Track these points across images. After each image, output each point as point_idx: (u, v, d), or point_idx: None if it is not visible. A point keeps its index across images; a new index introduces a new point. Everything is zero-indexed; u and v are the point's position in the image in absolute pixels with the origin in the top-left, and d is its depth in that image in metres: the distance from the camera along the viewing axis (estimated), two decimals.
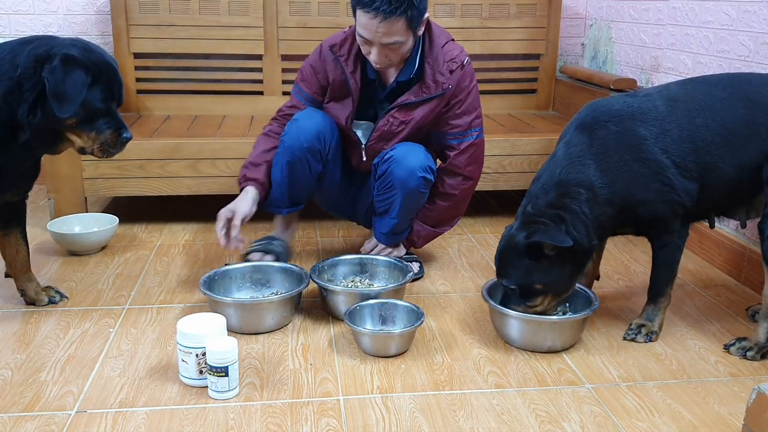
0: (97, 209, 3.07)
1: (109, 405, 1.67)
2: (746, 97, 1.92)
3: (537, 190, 1.94)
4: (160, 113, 3.42)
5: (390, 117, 2.27)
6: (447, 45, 2.27)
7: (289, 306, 2.07)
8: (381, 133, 2.30)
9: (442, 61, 2.22)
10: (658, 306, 2.03)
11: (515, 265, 1.91)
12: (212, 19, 3.31)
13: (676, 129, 1.91)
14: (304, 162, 2.29)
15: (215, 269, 2.20)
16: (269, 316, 2.02)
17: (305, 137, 2.26)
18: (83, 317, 2.12)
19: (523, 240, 1.87)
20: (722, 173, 1.91)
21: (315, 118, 2.30)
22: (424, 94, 2.23)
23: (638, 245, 2.76)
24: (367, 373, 1.83)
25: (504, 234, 1.98)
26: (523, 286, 1.91)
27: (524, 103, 3.67)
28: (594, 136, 1.93)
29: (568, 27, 3.70)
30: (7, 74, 1.82)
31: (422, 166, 2.24)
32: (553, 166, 1.94)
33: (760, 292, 2.04)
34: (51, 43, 1.86)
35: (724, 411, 1.69)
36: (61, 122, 1.85)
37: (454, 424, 1.63)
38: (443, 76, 2.22)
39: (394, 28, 2.05)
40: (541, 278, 1.89)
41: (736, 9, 2.47)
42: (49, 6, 3.39)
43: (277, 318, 2.03)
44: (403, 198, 2.27)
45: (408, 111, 2.26)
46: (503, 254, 1.95)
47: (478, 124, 2.34)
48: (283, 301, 2.04)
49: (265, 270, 2.24)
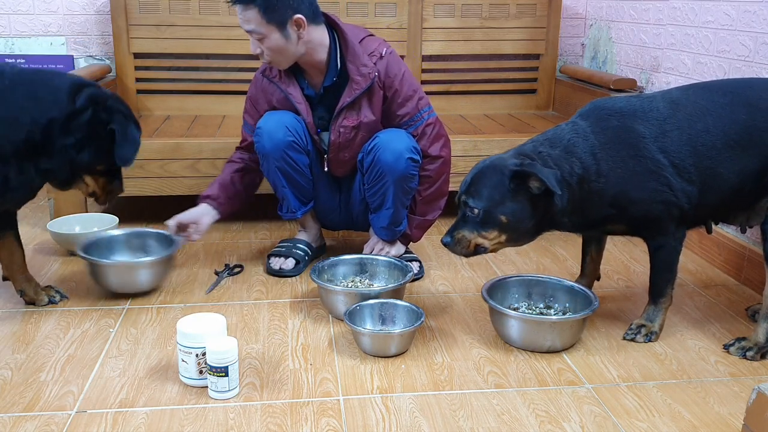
0: (97, 209, 3.06)
1: (109, 405, 1.67)
2: (747, 102, 1.92)
3: (543, 140, 1.92)
4: (160, 113, 3.42)
5: (339, 128, 2.31)
6: (365, 40, 2.30)
7: (160, 268, 2.29)
8: (337, 145, 2.34)
9: (363, 55, 2.25)
10: (658, 306, 2.03)
11: (492, 186, 1.85)
12: (212, 19, 3.31)
13: (676, 131, 1.91)
14: (289, 160, 2.33)
15: (95, 234, 2.41)
16: (142, 277, 2.25)
17: (278, 136, 2.30)
18: (83, 317, 2.12)
19: (514, 165, 1.84)
20: (723, 178, 1.91)
21: (277, 117, 2.33)
22: (356, 90, 2.26)
23: (638, 245, 2.76)
24: (367, 373, 1.83)
25: (488, 158, 1.93)
26: (488, 211, 1.86)
27: (524, 103, 3.67)
28: (596, 125, 1.93)
29: (568, 27, 3.70)
30: (63, 103, 1.92)
31: (408, 148, 2.26)
32: (560, 131, 1.94)
33: (760, 292, 2.05)
34: (106, 92, 2.04)
35: (724, 411, 1.69)
36: (92, 166, 2.03)
37: (454, 424, 1.63)
38: (367, 67, 2.25)
39: (248, 15, 2.14)
40: (510, 211, 1.85)
41: (736, 9, 2.47)
42: (49, 6, 3.39)
43: (149, 279, 2.26)
44: (394, 184, 2.29)
45: (352, 115, 2.29)
46: (482, 172, 1.89)
47: (425, 104, 2.35)
48: (154, 262, 2.26)
49: (143, 236, 2.45)
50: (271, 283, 2.39)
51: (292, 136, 2.31)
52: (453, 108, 3.59)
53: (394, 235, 2.44)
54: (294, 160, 2.33)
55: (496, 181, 1.86)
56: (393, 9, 3.41)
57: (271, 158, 2.32)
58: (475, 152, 2.92)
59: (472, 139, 2.95)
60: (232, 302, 2.24)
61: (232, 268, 2.47)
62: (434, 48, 3.50)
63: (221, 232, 2.86)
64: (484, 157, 3.01)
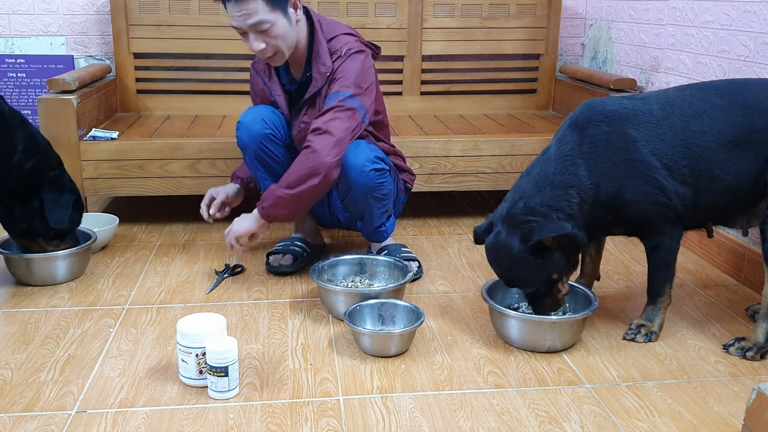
0: (97, 209, 3.07)
1: (109, 405, 1.68)
2: (745, 104, 1.91)
3: (530, 187, 1.92)
4: (160, 113, 3.42)
5: (300, 123, 2.36)
6: (335, 39, 2.29)
7: (78, 260, 2.40)
8: (299, 140, 2.38)
9: (325, 54, 2.26)
10: (657, 306, 2.03)
11: (528, 271, 1.89)
12: (212, 19, 3.31)
13: (670, 133, 1.91)
14: (266, 150, 2.36)
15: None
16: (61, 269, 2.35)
17: (255, 128, 2.34)
18: (83, 317, 2.12)
19: (523, 244, 1.85)
20: (719, 180, 1.91)
21: (254, 111, 2.38)
22: (313, 88, 2.29)
23: (638, 245, 2.74)
24: (367, 373, 1.83)
25: (492, 243, 1.93)
26: (544, 282, 1.91)
27: (524, 103, 3.67)
28: (585, 135, 1.93)
29: (568, 27, 3.70)
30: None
31: (369, 159, 2.24)
32: (545, 163, 1.94)
33: (760, 292, 2.05)
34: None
35: (724, 411, 1.69)
36: None
37: (454, 424, 1.63)
38: (325, 67, 2.26)
39: (250, 8, 2.10)
40: (555, 268, 1.90)
41: (736, 9, 2.47)
42: (49, 6, 3.39)
43: (67, 271, 2.37)
44: (365, 197, 2.29)
45: (310, 111, 2.33)
46: (511, 267, 1.91)
47: (351, 93, 2.20)
48: (72, 254, 2.37)
49: None
50: (271, 283, 2.39)
51: (269, 129, 2.34)
52: (453, 108, 3.59)
53: (382, 238, 2.48)
54: (271, 151, 2.37)
55: (526, 266, 1.88)
56: (393, 9, 3.41)
57: (249, 150, 2.36)
58: (475, 152, 2.92)
59: (472, 139, 2.95)
60: (232, 302, 2.24)
61: (232, 268, 2.47)
62: (434, 48, 3.50)
63: (221, 232, 2.85)
64: (484, 157, 3.00)
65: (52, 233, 2.33)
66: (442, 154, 2.91)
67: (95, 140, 2.79)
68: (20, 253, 2.34)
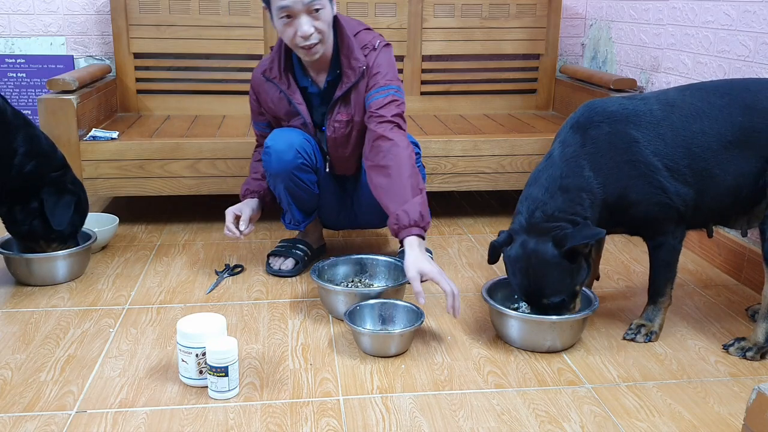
0: (97, 209, 3.07)
1: (109, 405, 1.68)
2: (744, 104, 1.91)
3: (541, 195, 1.90)
4: (160, 113, 3.42)
5: (333, 123, 2.30)
6: (360, 33, 2.28)
7: (78, 260, 2.40)
8: (332, 141, 2.33)
9: (356, 48, 2.23)
10: (657, 306, 2.03)
11: (561, 278, 1.87)
12: (212, 19, 3.31)
13: (670, 133, 1.91)
14: (297, 180, 2.30)
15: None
16: (61, 269, 2.36)
17: (287, 158, 2.25)
18: (83, 317, 2.12)
19: (557, 250, 1.83)
20: (719, 180, 1.91)
21: (285, 137, 2.28)
22: (346, 84, 2.25)
23: (638, 245, 2.76)
24: (367, 373, 1.83)
25: (518, 253, 1.88)
26: (573, 292, 1.91)
27: (524, 103, 3.67)
28: (587, 136, 1.93)
29: (568, 27, 3.70)
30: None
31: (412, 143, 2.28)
32: (551, 168, 1.93)
33: (759, 292, 2.05)
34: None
35: (724, 411, 1.69)
36: None
37: (454, 424, 1.63)
38: (359, 61, 2.23)
39: None
40: (581, 276, 1.90)
41: (736, 9, 2.47)
42: (49, 6, 3.39)
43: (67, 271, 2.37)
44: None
45: (344, 109, 2.28)
46: (544, 274, 1.87)
47: (397, 85, 2.26)
48: (72, 254, 2.37)
49: None
50: (271, 283, 2.39)
51: (301, 158, 2.27)
52: (453, 108, 3.59)
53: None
54: (302, 179, 2.31)
55: (560, 273, 1.86)
56: (393, 9, 3.41)
57: (278, 178, 2.29)
58: (475, 152, 2.92)
59: (472, 139, 2.95)
60: (232, 302, 2.24)
61: (232, 268, 2.47)
62: (434, 48, 3.50)
63: (221, 231, 2.85)
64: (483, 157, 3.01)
65: (54, 235, 2.33)
66: (442, 154, 2.91)
67: (95, 140, 2.79)
68: (20, 253, 2.34)
